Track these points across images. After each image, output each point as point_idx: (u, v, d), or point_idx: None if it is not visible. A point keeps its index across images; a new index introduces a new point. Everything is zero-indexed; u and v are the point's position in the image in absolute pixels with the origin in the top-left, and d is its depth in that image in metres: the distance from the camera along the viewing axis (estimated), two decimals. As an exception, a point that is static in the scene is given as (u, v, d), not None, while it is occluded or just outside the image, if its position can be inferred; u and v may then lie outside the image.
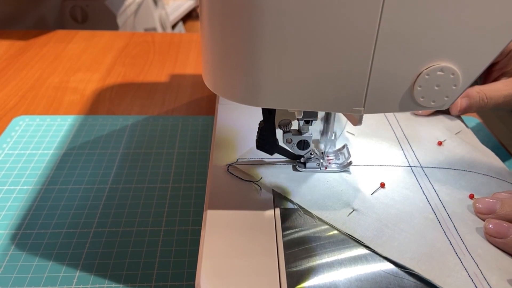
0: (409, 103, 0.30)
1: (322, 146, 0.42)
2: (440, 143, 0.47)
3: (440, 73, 0.29)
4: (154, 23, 1.46)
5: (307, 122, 0.39)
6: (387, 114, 0.51)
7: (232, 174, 0.41)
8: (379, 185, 0.40)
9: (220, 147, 0.45)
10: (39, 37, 0.90)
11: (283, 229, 0.36)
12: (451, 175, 0.42)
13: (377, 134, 0.48)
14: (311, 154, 0.41)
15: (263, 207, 0.38)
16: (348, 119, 0.36)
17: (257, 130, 0.39)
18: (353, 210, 0.37)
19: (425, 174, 0.42)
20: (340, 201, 0.38)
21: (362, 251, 0.34)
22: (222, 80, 0.31)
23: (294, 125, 0.40)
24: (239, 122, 0.48)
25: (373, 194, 0.39)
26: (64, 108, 0.67)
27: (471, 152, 0.46)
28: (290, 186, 0.40)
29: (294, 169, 0.42)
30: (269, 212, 0.37)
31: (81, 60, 0.81)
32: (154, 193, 0.52)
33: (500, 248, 0.35)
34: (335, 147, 0.43)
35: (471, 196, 0.40)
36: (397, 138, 0.47)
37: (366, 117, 0.41)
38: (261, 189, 0.39)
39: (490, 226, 0.35)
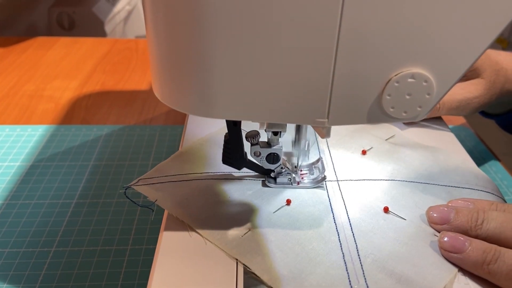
0: (378, 114, 0.27)
1: (294, 160, 0.39)
2: (364, 152, 0.43)
3: (411, 80, 0.26)
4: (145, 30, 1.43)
5: (276, 134, 0.36)
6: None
7: (128, 198, 0.37)
8: (284, 203, 0.37)
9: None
10: (19, 44, 0.87)
11: None
12: (369, 187, 0.39)
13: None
14: (282, 168, 0.38)
15: None
16: (316, 131, 0.33)
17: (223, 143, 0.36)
18: (249, 230, 0.34)
19: (339, 189, 0.39)
20: (236, 220, 0.35)
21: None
22: (171, 89, 0.28)
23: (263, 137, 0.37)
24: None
25: (275, 213, 0.36)
26: (37, 117, 0.64)
27: (400, 158, 0.42)
28: (187, 204, 0.36)
29: (264, 184, 0.38)
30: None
31: (59, 67, 0.79)
32: (123, 208, 0.49)
33: (456, 264, 0.32)
34: (308, 160, 0.39)
35: (386, 209, 0.36)
36: (319, 150, 0.43)
37: (291, 128, 0.37)
38: (153, 211, 0.36)
39: (445, 240, 0.32)
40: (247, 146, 0.36)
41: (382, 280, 0.30)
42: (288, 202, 0.37)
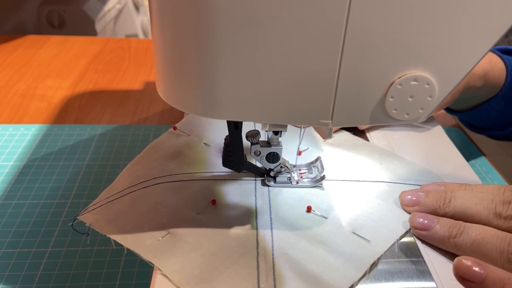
0: (380, 115, 0.27)
1: (293, 159, 0.39)
2: (299, 153, 0.43)
3: (414, 82, 0.27)
4: (136, 29, 1.43)
5: (276, 133, 0.36)
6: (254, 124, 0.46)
7: (72, 228, 0.35)
8: (210, 203, 0.36)
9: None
10: (9, 42, 0.86)
11: None
12: (296, 187, 0.39)
13: None
14: (281, 167, 0.38)
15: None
16: (317, 131, 0.34)
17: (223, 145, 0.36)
18: (168, 233, 0.33)
19: (268, 190, 0.38)
20: (158, 225, 0.34)
21: None
22: (176, 89, 0.28)
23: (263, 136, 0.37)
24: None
25: (199, 214, 0.35)
26: (29, 116, 0.63)
27: (334, 158, 0.42)
28: (117, 220, 0.35)
29: (263, 184, 0.39)
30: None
31: (51, 66, 0.78)
32: (119, 208, 0.48)
33: (426, 241, 0.34)
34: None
35: (309, 209, 0.36)
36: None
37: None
38: (88, 235, 0.35)
39: (414, 219, 0.35)
40: (246, 145, 0.37)
41: (290, 279, 0.30)
42: (213, 202, 0.37)
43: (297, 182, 0.39)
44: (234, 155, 0.36)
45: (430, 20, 0.25)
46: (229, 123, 0.34)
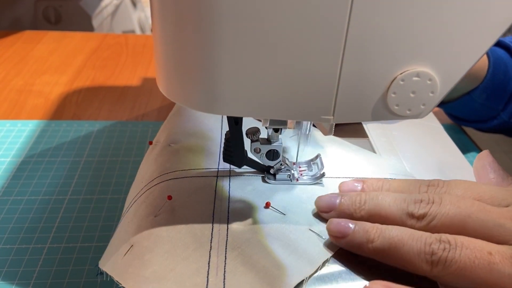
0: (382, 111, 0.27)
1: (293, 155, 0.39)
2: (267, 205, 0.41)
3: (416, 78, 0.27)
4: (133, 25, 1.42)
5: (276, 131, 0.36)
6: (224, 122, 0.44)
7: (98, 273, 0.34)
8: (166, 200, 0.36)
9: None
10: (6, 38, 0.85)
11: None
12: (258, 182, 0.38)
13: (204, 140, 0.43)
14: (281, 164, 0.38)
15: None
16: (318, 127, 0.33)
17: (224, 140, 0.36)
18: (131, 246, 0.33)
19: (229, 184, 0.38)
20: (124, 241, 0.33)
21: None
22: (176, 84, 0.28)
23: (263, 133, 0.37)
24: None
25: (157, 216, 0.34)
26: (26, 112, 0.63)
27: (303, 154, 0.41)
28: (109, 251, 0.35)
29: (263, 180, 0.39)
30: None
31: (48, 61, 0.78)
32: (117, 204, 0.48)
33: (347, 248, 0.32)
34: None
35: (267, 204, 0.36)
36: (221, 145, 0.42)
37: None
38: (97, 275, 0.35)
39: (330, 226, 0.32)
40: (246, 142, 0.37)
41: (241, 273, 0.30)
42: (169, 198, 0.36)
43: (297, 180, 0.39)
44: (234, 151, 0.36)
45: (432, 16, 0.25)
46: (229, 119, 0.34)
